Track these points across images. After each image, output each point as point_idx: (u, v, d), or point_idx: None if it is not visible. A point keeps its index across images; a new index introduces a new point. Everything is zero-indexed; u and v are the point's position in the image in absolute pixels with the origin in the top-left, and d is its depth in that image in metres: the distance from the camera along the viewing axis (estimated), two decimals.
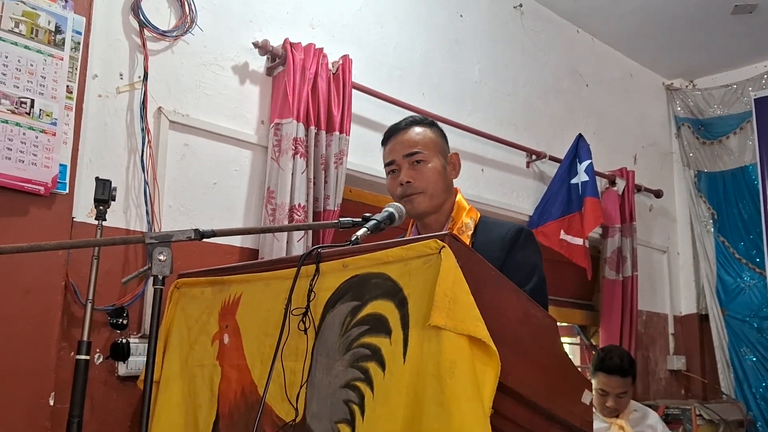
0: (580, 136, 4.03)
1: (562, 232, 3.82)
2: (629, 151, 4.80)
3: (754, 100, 4.76)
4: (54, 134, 2.10)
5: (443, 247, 1.28)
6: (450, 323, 1.24)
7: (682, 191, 5.11)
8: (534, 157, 3.97)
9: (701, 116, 5.09)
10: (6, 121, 2.02)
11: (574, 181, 3.94)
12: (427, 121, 2.07)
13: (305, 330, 1.48)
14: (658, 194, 4.81)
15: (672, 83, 5.22)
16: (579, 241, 3.83)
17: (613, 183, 4.34)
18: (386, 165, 2.03)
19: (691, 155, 5.07)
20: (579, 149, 3.99)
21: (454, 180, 2.06)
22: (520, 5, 4.10)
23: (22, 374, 1.99)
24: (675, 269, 5.00)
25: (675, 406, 3.96)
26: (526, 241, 1.92)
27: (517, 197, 3.90)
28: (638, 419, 3.26)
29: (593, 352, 3.79)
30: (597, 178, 4.06)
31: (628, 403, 3.22)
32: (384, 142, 2.06)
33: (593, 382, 3.17)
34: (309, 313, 1.49)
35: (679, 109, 5.16)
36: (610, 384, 3.14)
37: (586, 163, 3.94)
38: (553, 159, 4.00)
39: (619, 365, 3.14)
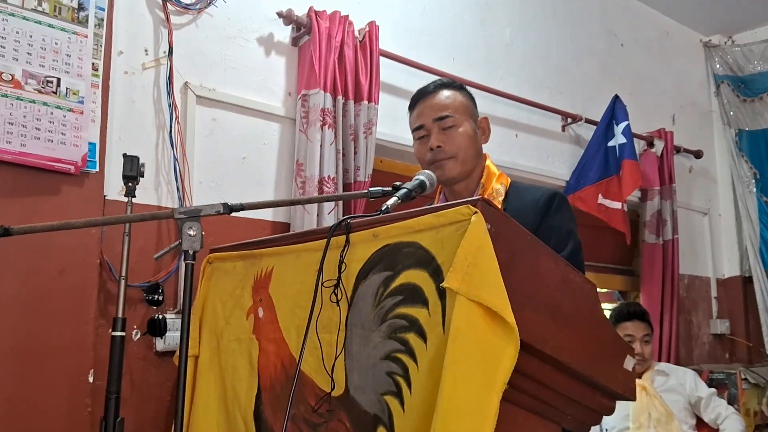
0: (616, 97, 3.92)
1: (600, 196, 3.74)
2: (667, 111, 4.65)
3: None
4: (82, 113, 2.10)
5: (476, 212, 1.24)
6: (464, 287, 1.20)
7: (723, 151, 4.94)
8: (569, 120, 3.88)
9: (741, 73, 4.90)
10: (33, 101, 2.02)
11: (611, 143, 3.85)
12: (456, 84, 2.01)
13: (337, 302, 1.46)
14: (697, 155, 4.67)
15: (710, 40, 5.03)
16: (617, 205, 3.76)
17: (651, 144, 4.23)
18: (414, 130, 1.98)
19: (732, 114, 4.89)
20: (615, 111, 3.89)
21: (484, 145, 2.01)
22: None
23: (61, 352, 2.01)
24: (717, 231, 4.87)
25: (719, 370, 3.88)
26: (560, 205, 1.87)
27: (552, 162, 3.82)
28: (662, 383, 3.28)
29: None
30: (635, 139, 3.96)
31: (652, 355, 3.31)
32: (411, 107, 2.01)
33: None
34: (341, 285, 1.46)
35: (717, 66, 4.98)
36: (635, 328, 3.28)
37: (623, 125, 3.85)
38: (589, 122, 3.90)
39: (639, 311, 3.38)
